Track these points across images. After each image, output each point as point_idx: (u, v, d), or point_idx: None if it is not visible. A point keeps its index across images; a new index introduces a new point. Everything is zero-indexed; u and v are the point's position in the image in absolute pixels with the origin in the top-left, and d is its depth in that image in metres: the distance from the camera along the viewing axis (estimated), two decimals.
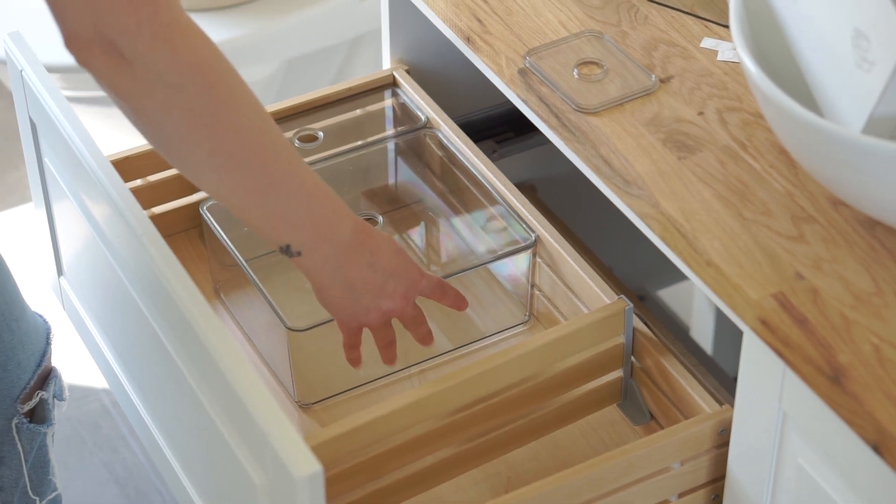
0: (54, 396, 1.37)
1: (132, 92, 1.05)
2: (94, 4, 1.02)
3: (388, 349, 1.27)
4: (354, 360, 1.28)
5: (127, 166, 1.45)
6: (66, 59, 1.08)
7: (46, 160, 1.38)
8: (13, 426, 1.33)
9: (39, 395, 1.34)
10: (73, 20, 1.03)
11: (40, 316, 1.37)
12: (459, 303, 1.27)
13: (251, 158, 1.10)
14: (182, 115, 1.07)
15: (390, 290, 1.21)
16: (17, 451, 1.34)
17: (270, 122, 1.11)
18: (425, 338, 1.27)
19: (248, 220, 1.14)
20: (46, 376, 1.36)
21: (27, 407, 1.33)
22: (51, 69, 1.96)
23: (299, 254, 1.15)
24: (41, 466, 1.38)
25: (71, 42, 1.05)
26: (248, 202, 1.13)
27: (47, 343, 1.36)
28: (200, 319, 1.11)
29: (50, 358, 1.36)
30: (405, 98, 1.50)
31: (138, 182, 1.46)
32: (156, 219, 1.47)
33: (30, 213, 2.37)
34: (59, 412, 2.04)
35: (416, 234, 1.49)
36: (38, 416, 1.36)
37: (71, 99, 2.10)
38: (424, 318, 1.26)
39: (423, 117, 1.48)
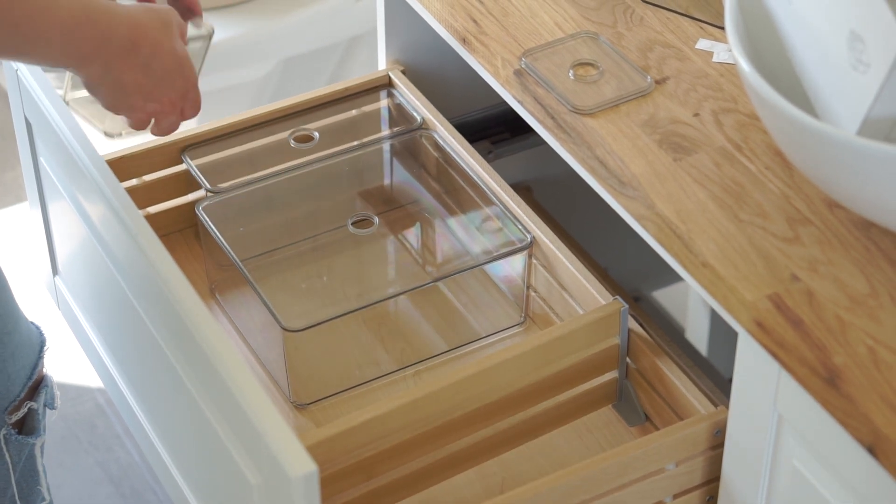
0: (45, 405, 1.36)
1: None
2: None
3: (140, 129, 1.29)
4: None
5: (122, 166, 1.45)
6: None
7: (42, 160, 1.38)
8: (1, 437, 1.32)
9: (28, 405, 1.33)
10: None
11: (36, 326, 1.36)
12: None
13: (12, 31, 1.11)
14: None
15: (158, 95, 1.23)
16: (5, 461, 1.33)
17: None
18: (162, 132, 1.28)
19: (20, 53, 1.16)
20: (37, 386, 1.35)
21: (15, 418, 1.32)
22: (46, 69, 1.96)
23: (72, 70, 1.19)
24: (30, 476, 1.37)
25: None
26: (17, 58, 1.15)
27: (40, 356, 1.34)
28: (196, 319, 1.11)
29: (42, 369, 1.35)
30: (401, 98, 1.50)
31: (133, 182, 1.46)
32: (151, 218, 1.47)
33: (25, 213, 2.36)
34: (51, 413, 2.04)
35: (412, 235, 1.49)
36: (28, 426, 1.34)
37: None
38: (178, 125, 1.27)
39: (418, 118, 1.48)
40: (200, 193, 1.44)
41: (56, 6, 1.14)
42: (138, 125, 1.26)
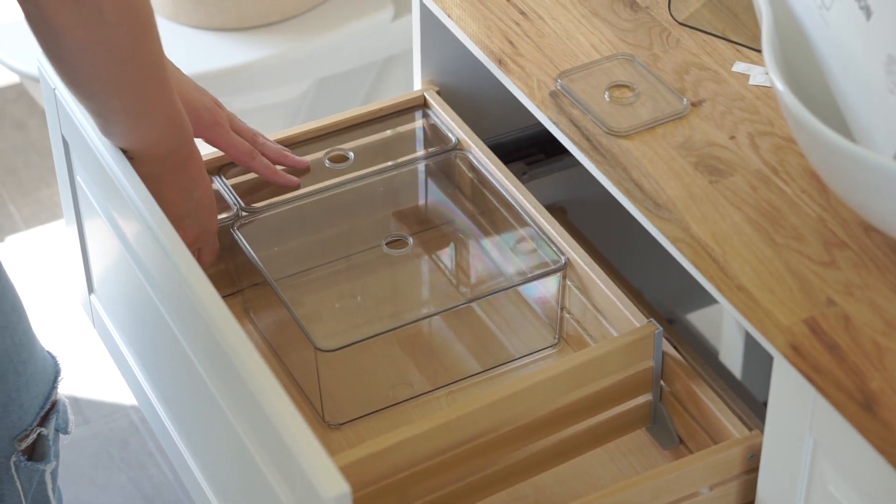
0: (57, 430, 1.36)
1: (69, 23, 1.11)
2: None
3: None
4: None
5: None
6: None
7: (78, 178, 1.39)
8: (11, 464, 1.32)
9: (38, 431, 1.33)
10: None
11: (51, 356, 1.36)
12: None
13: (140, 85, 1.19)
14: (106, 49, 1.14)
15: (185, 224, 1.30)
16: (16, 488, 1.33)
17: (159, 45, 1.19)
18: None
19: (101, 130, 1.24)
20: (48, 413, 1.35)
21: (24, 444, 1.32)
22: None
23: (132, 158, 1.25)
24: (41, 503, 1.37)
25: None
26: (118, 120, 1.22)
27: (54, 385, 1.35)
28: (230, 338, 1.11)
29: (55, 397, 1.35)
30: (436, 119, 1.51)
31: None
32: None
33: (61, 230, 2.38)
34: (84, 429, 2.05)
35: (446, 256, 1.49)
36: (38, 452, 1.34)
37: None
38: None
39: (453, 139, 1.48)
40: (234, 213, 1.44)
41: (171, 88, 1.21)
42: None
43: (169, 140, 1.25)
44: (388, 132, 1.51)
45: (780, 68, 1.12)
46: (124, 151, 1.26)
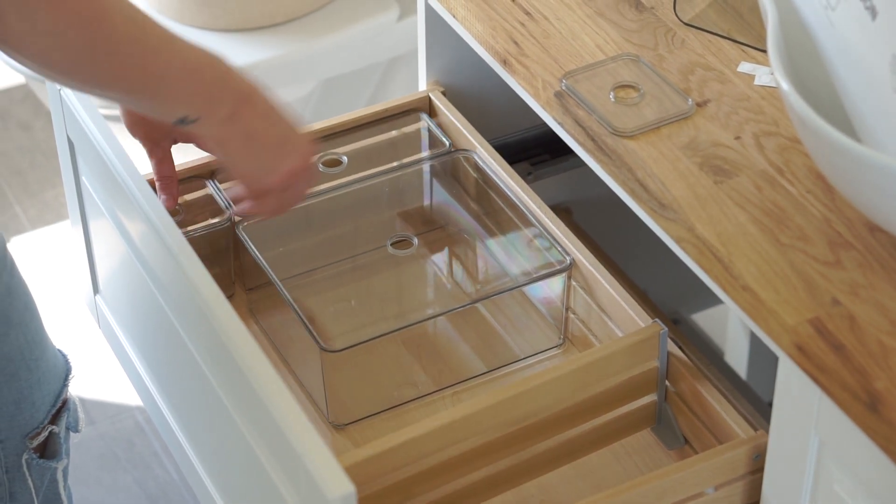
0: (67, 428, 1.36)
1: (7, 39, 1.04)
2: None
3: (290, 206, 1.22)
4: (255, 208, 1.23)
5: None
6: None
7: (84, 178, 1.39)
8: (23, 462, 1.32)
9: (49, 429, 1.33)
10: None
11: (62, 354, 1.36)
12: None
13: (132, 68, 1.09)
14: (63, 55, 1.06)
15: (295, 142, 1.17)
16: (27, 486, 1.33)
17: (142, 20, 1.09)
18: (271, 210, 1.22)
19: (138, 110, 1.16)
20: (59, 411, 1.35)
21: (36, 442, 1.32)
22: None
23: (196, 120, 1.14)
24: (52, 501, 1.37)
25: None
26: (136, 100, 1.13)
27: (65, 383, 1.35)
28: (235, 339, 1.11)
29: (66, 395, 1.35)
30: (429, 124, 1.50)
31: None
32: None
33: (66, 231, 2.38)
34: (90, 430, 2.05)
35: (451, 256, 1.49)
36: (50, 450, 1.35)
37: (108, 118, 2.11)
38: (287, 208, 1.21)
39: (447, 142, 1.48)
40: (224, 216, 1.43)
41: (175, 44, 1.11)
42: (280, 187, 1.18)
43: (208, 84, 1.13)
44: (394, 132, 1.52)
45: (786, 69, 1.12)
46: (184, 121, 1.14)
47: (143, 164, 1.38)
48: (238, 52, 2.08)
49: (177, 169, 1.43)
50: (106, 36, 1.07)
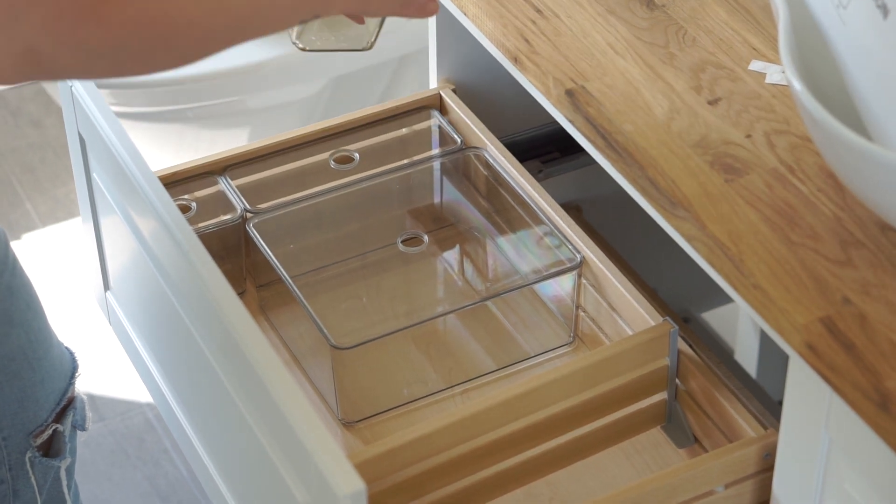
0: (74, 427, 1.36)
1: (74, 73, 0.98)
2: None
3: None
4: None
5: (173, 181, 1.45)
6: None
7: (94, 175, 1.39)
8: (27, 460, 1.32)
9: (54, 428, 1.33)
10: None
11: (69, 352, 1.36)
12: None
13: (207, 31, 1.02)
14: (133, 65, 0.99)
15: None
16: (30, 484, 1.33)
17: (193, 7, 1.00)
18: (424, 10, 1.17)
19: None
20: (65, 409, 1.34)
21: (40, 440, 1.32)
22: (100, 85, 1.98)
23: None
24: (55, 499, 1.37)
25: None
26: (256, 29, 1.06)
27: (70, 381, 1.34)
28: (245, 336, 1.11)
29: (72, 393, 1.35)
30: (440, 121, 1.50)
31: (185, 198, 1.47)
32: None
33: (77, 228, 2.38)
34: (100, 427, 2.05)
35: (461, 254, 1.49)
36: (54, 448, 1.34)
37: (119, 114, 2.11)
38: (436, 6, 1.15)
39: (458, 140, 1.48)
40: (236, 213, 1.44)
41: None
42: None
43: None
44: (404, 130, 1.52)
45: (797, 67, 1.12)
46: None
47: (154, 160, 1.38)
48: (250, 49, 2.08)
49: (189, 166, 1.43)
50: (168, 30, 0.99)
